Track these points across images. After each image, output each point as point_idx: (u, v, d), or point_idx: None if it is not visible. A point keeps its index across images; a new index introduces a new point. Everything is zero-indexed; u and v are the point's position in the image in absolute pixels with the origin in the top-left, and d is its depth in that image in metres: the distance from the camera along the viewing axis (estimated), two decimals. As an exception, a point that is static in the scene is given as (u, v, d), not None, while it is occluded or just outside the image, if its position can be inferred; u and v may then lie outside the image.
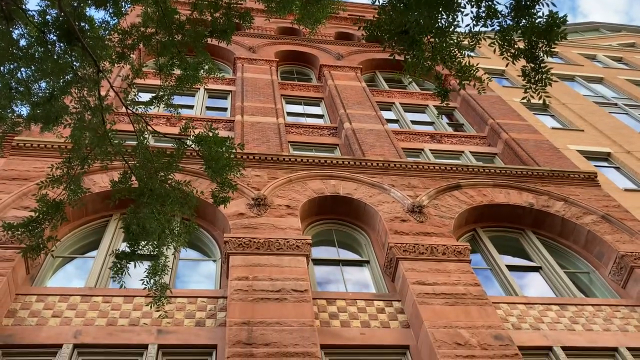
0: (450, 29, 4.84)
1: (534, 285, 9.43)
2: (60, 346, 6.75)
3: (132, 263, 5.03)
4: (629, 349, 7.81)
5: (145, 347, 6.92)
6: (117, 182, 5.15)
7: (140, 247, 4.95)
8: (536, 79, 4.88)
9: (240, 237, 8.48)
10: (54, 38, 5.16)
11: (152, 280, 5.19)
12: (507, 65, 13.75)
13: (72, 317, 7.21)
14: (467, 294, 7.91)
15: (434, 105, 16.46)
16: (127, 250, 5.13)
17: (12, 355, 6.69)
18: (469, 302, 7.76)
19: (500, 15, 4.68)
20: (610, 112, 16.86)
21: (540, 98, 4.90)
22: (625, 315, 8.50)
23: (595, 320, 8.33)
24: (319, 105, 16.20)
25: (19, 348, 6.72)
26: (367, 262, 9.51)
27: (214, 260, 9.04)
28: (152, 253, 5.21)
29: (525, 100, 5.83)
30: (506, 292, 9.03)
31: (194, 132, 5.30)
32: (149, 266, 5.24)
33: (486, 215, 10.59)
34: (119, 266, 4.96)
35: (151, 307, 5.49)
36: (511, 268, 9.65)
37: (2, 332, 6.81)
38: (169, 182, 5.10)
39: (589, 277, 9.76)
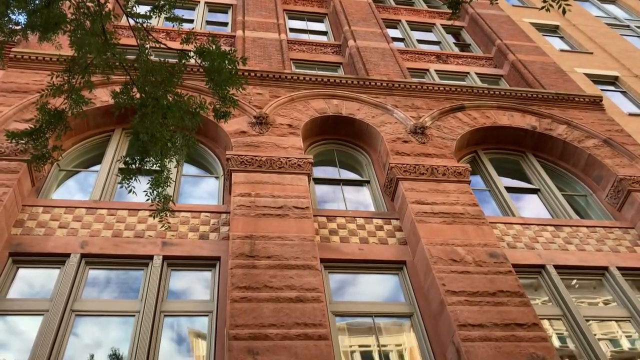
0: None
1: (531, 207, 9.60)
2: (68, 255, 6.98)
3: (140, 168, 5.07)
4: (619, 268, 8.08)
5: (150, 258, 7.15)
6: (119, 93, 5.10)
7: (147, 158, 4.97)
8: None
9: (242, 155, 8.52)
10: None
11: (155, 192, 5.27)
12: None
13: (78, 229, 7.40)
14: (465, 213, 8.07)
15: (441, 24, 15.98)
16: (134, 159, 5.14)
17: (22, 262, 6.94)
18: (466, 221, 7.92)
19: None
20: (621, 35, 16.40)
21: (560, 7, 4.74)
22: (618, 236, 8.72)
23: (589, 241, 8.55)
24: (322, 22, 15.73)
25: (29, 256, 6.96)
26: (368, 182, 9.62)
27: (217, 177, 9.14)
28: (155, 166, 5.25)
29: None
30: (503, 212, 9.22)
31: (196, 43, 5.18)
32: (151, 178, 5.31)
33: (488, 137, 10.59)
34: (126, 173, 5.01)
35: (154, 217, 5.62)
36: (510, 190, 9.79)
37: (11, 241, 7.02)
38: (171, 94, 5.05)
39: (586, 200, 9.92)
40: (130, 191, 5.27)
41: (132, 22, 5.35)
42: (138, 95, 5.10)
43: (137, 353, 6.02)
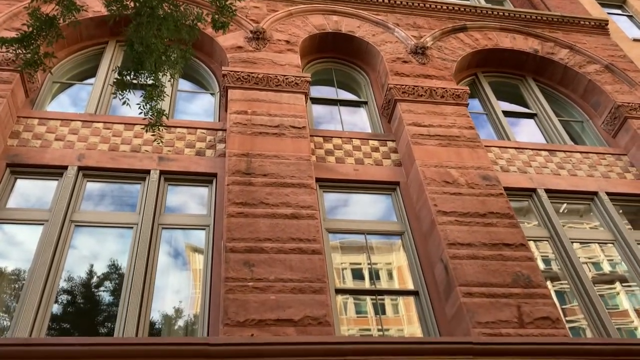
0: None
1: (527, 132, 9.63)
2: (65, 168, 7.03)
3: (135, 81, 5.01)
4: (608, 193, 8.24)
5: (147, 172, 7.21)
6: (112, 0, 4.92)
7: (142, 70, 4.89)
8: None
9: (238, 71, 8.39)
10: None
11: (148, 105, 5.23)
12: None
13: (75, 142, 7.40)
14: (461, 136, 8.10)
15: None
16: (129, 71, 5.06)
17: (20, 173, 6.99)
18: (461, 144, 7.97)
19: None
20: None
21: None
22: (610, 163, 8.83)
23: (581, 166, 8.66)
24: None
25: (26, 167, 7.00)
26: (365, 103, 9.55)
27: (212, 94, 9.04)
28: (150, 80, 5.18)
29: None
30: (499, 136, 9.25)
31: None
32: (144, 92, 5.25)
33: (489, 60, 10.42)
34: (121, 84, 4.95)
35: (147, 131, 5.61)
36: (507, 114, 9.77)
37: (8, 152, 7.04)
38: (167, 3, 4.89)
39: (582, 126, 9.94)
40: (124, 103, 5.22)
41: None
42: (132, 5, 4.93)
43: (136, 264, 6.21)
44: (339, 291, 6.59)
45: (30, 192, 6.95)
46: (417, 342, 5.42)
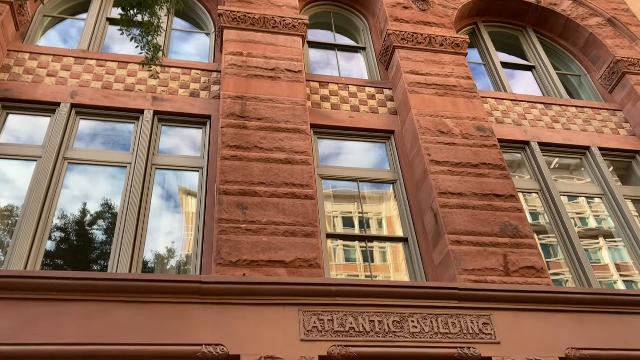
0: None
1: (524, 84, 9.57)
2: (58, 105, 6.94)
3: (139, 14, 4.89)
4: (600, 149, 8.30)
5: (141, 112, 7.15)
6: None
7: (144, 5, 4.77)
8: None
9: (235, 11, 8.18)
10: None
11: (144, 40, 5.14)
12: None
13: (68, 78, 7.28)
14: (458, 86, 8.04)
15: None
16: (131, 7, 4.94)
17: (12, 109, 6.91)
18: (458, 94, 7.92)
19: None
20: None
21: None
22: (605, 118, 8.84)
23: (576, 120, 8.67)
24: None
25: (19, 103, 6.91)
26: (363, 49, 9.40)
27: (208, 34, 8.85)
28: (146, 15, 5.06)
29: None
30: (496, 88, 9.20)
31: None
32: (141, 25, 5.14)
33: (491, 9, 10.23)
34: (125, 21, 4.83)
35: (144, 66, 5.53)
36: (505, 65, 9.68)
37: (0, 87, 6.92)
38: None
39: (579, 80, 9.88)
40: (132, 39, 5.10)
41: None
42: None
43: (130, 204, 6.25)
44: (330, 236, 6.69)
45: (23, 128, 6.89)
46: (404, 287, 5.57)
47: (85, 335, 4.69)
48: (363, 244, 6.79)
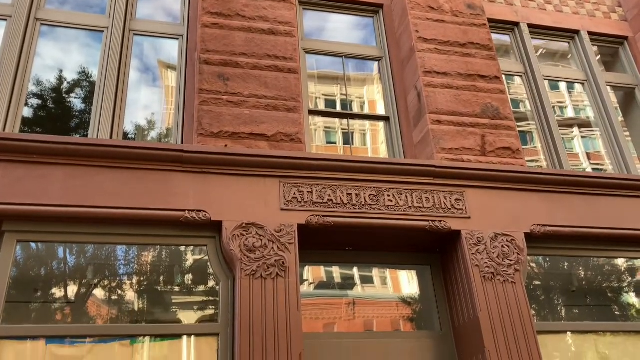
0: None
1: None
2: (25, -39, 6.46)
3: None
4: (590, 33, 8.16)
5: (115, -27, 6.69)
6: None
7: None
8: None
9: None
10: None
11: None
12: None
13: None
14: (452, -40, 7.62)
15: None
16: None
17: (-25, -36, 6.41)
18: (451, -31, 7.54)
19: None
20: None
21: None
22: (598, 1, 8.59)
23: (568, 2, 8.41)
24: None
25: (-19, -43, 6.40)
26: None
27: None
28: None
29: None
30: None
31: None
32: None
33: None
34: None
35: None
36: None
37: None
38: None
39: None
40: None
41: None
42: None
43: (108, 71, 6.07)
44: (312, 113, 6.69)
45: (-12, -15, 6.45)
46: (382, 162, 5.69)
47: (70, 198, 4.78)
48: (344, 125, 6.81)
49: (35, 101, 6.10)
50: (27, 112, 5.94)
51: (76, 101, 6.25)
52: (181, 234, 5.06)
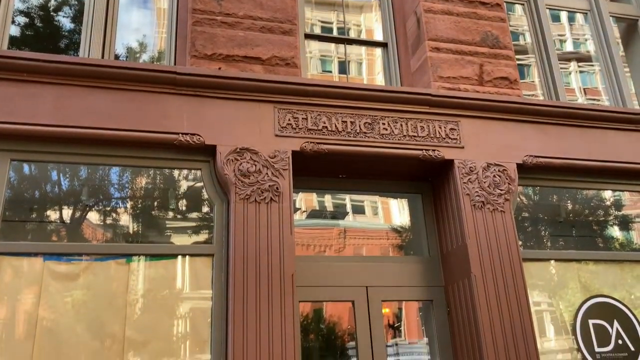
0: None
1: None
2: None
3: None
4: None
5: None
6: None
7: None
8: None
9: None
10: None
11: None
12: None
13: None
14: None
15: None
16: None
17: None
18: None
19: None
20: None
21: None
22: None
23: None
24: None
25: None
26: None
27: None
28: None
29: None
30: None
31: None
32: None
33: None
34: None
35: None
36: None
37: None
38: None
39: None
40: None
41: None
42: None
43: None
44: (308, 37, 6.53)
45: None
46: (379, 90, 5.63)
47: (61, 118, 4.73)
48: (341, 54, 6.66)
49: (22, 19, 5.90)
50: (14, 31, 5.76)
51: (65, 20, 6.06)
52: (175, 157, 5.06)
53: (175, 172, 5.28)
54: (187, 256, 4.87)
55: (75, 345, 4.31)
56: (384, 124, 5.56)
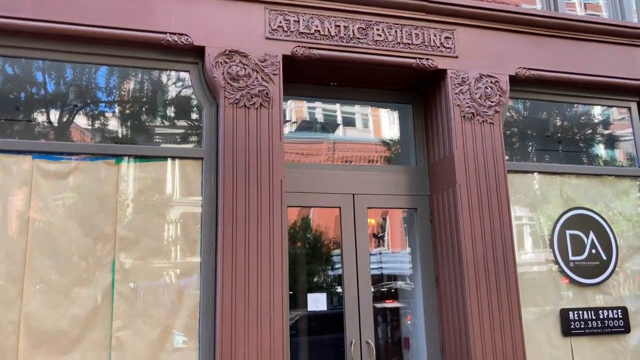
0: None
1: None
2: None
3: None
4: None
5: None
6: None
7: None
8: None
9: None
10: None
11: None
12: None
13: None
14: None
15: None
16: None
17: None
18: None
19: None
20: None
21: None
22: None
23: None
24: None
25: None
26: None
27: None
28: None
29: None
30: None
31: None
32: None
33: None
34: None
35: None
36: None
37: None
38: None
39: None
40: None
41: None
42: None
43: None
44: None
45: None
46: None
47: (43, 12, 4.52)
48: None
49: None
50: None
51: None
52: (163, 57, 4.92)
53: (164, 75, 5.16)
54: (176, 159, 4.88)
55: (67, 241, 4.40)
56: (378, 29, 5.41)
